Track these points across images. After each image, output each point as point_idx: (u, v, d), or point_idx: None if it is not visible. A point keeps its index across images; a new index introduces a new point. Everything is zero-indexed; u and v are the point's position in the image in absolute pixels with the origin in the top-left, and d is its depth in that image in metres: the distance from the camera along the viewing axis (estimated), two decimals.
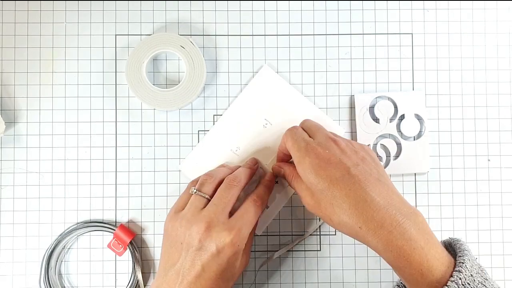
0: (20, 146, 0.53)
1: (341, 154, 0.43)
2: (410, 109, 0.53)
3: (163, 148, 0.53)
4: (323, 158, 0.42)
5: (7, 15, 0.54)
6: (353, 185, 0.41)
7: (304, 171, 0.43)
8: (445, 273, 0.38)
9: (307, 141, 0.44)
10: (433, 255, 0.38)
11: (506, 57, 0.55)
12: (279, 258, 0.53)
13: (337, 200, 0.41)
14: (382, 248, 0.39)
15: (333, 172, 0.41)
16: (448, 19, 0.55)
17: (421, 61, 0.54)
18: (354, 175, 0.41)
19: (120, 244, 0.51)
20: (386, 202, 0.40)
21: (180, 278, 0.41)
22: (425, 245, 0.38)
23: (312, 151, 0.43)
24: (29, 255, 0.52)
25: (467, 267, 0.37)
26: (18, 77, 0.53)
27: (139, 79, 0.51)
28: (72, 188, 0.53)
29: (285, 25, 0.54)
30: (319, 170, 0.42)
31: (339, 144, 0.44)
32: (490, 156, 0.54)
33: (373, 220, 0.39)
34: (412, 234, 0.38)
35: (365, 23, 0.55)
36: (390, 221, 0.39)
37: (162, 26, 0.54)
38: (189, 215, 0.43)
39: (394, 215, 0.39)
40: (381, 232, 0.39)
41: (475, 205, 0.54)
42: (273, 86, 0.53)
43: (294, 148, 0.45)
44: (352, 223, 0.40)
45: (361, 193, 0.40)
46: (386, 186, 0.42)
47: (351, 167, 0.42)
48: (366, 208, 0.39)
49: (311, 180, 0.42)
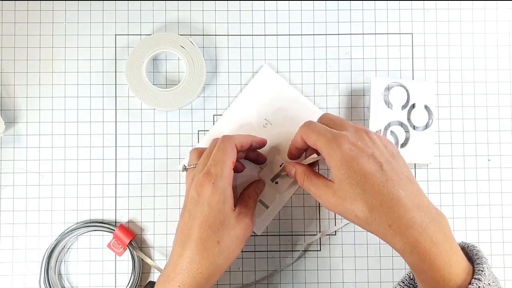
0: (20, 146, 0.53)
1: (374, 147, 0.41)
2: (420, 99, 0.53)
3: (163, 148, 0.53)
4: (356, 150, 0.40)
5: (7, 15, 0.54)
6: (386, 182, 0.39)
7: (336, 163, 0.40)
8: (464, 280, 0.37)
9: (335, 133, 0.42)
10: (456, 260, 0.38)
11: (506, 57, 0.55)
12: (279, 258, 0.53)
13: (368, 195, 0.39)
14: (408, 250, 0.38)
15: (366, 165, 0.40)
16: (448, 19, 0.55)
17: (421, 61, 0.54)
18: (386, 171, 0.40)
19: (119, 244, 0.51)
20: (416, 203, 0.39)
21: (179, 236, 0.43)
22: (450, 250, 0.38)
23: (344, 142, 0.41)
24: (29, 255, 0.52)
25: (486, 275, 0.37)
26: (18, 77, 0.53)
27: (139, 79, 0.51)
28: (72, 188, 0.53)
29: (285, 25, 0.54)
30: (352, 162, 0.40)
31: (370, 136, 0.42)
32: (490, 156, 0.54)
33: (403, 220, 0.38)
34: (439, 238, 0.38)
35: (365, 23, 0.55)
36: (419, 223, 0.38)
37: (162, 26, 0.54)
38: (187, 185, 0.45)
39: (423, 217, 0.38)
40: (410, 233, 0.38)
41: (475, 205, 0.54)
42: (273, 86, 0.53)
43: (321, 141, 0.42)
44: (382, 221, 0.39)
45: (393, 191, 0.39)
46: (415, 186, 0.41)
47: (384, 162, 0.40)
48: (398, 206, 0.38)
49: (343, 172, 0.40)
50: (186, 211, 0.43)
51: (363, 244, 0.53)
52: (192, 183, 0.44)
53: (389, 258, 0.53)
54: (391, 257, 0.53)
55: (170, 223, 0.53)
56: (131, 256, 0.51)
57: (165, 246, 0.53)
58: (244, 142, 0.46)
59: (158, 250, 0.53)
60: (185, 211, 0.44)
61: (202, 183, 0.42)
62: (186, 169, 0.47)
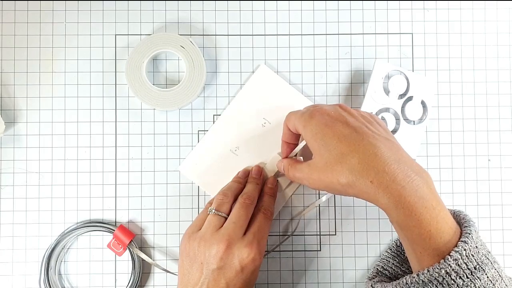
0: (19, 146, 0.53)
1: (348, 116, 0.42)
2: (419, 93, 0.53)
3: (163, 148, 0.53)
4: (330, 118, 0.41)
5: (7, 15, 0.54)
6: (361, 141, 0.39)
7: (312, 134, 0.41)
8: (451, 238, 0.37)
9: (309, 108, 0.44)
10: (443, 217, 0.37)
11: (506, 57, 0.55)
12: (279, 258, 0.53)
13: (346, 157, 0.39)
14: (393, 205, 0.37)
15: (340, 129, 0.40)
16: (448, 18, 0.55)
17: (421, 60, 0.54)
18: (361, 133, 0.40)
19: (119, 244, 0.51)
20: (397, 158, 0.38)
21: None
22: (436, 205, 0.37)
23: (317, 113, 0.42)
24: (29, 255, 0.52)
25: (473, 238, 0.37)
26: (18, 77, 0.53)
27: (139, 79, 0.51)
28: (72, 188, 0.53)
29: (285, 25, 0.54)
30: (326, 129, 0.41)
31: (344, 108, 0.43)
32: (490, 156, 0.54)
33: (384, 174, 0.37)
34: (424, 192, 0.37)
35: (365, 23, 0.55)
36: (402, 176, 0.37)
37: (162, 26, 0.54)
38: (207, 235, 0.43)
39: (406, 170, 0.37)
40: (393, 187, 0.37)
41: (475, 205, 0.54)
42: (271, 85, 0.53)
43: (297, 119, 0.43)
44: (363, 178, 0.38)
45: (370, 147, 0.38)
46: (395, 144, 0.40)
47: (358, 127, 0.40)
48: (377, 161, 0.38)
49: (319, 140, 0.41)
50: (221, 277, 0.42)
51: (363, 244, 0.53)
52: (232, 251, 0.43)
53: None
54: None
55: (170, 223, 0.53)
56: (131, 256, 0.51)
57: (165, 246, 0.53)
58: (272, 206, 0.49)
59: (158, 250, 0.53)
60: (219, 277, 0.42)
61: (249, 259, 0.43)
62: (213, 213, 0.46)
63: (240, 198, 0.47)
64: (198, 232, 0.44)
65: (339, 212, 0.53)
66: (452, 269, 0.35)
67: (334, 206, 0.53)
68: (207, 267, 0.42)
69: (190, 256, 0.43)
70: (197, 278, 0.42)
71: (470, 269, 0.36)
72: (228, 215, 0.45)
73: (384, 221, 0.53)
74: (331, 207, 0.53)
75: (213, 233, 0.43)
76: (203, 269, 0.42)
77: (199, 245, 0.43)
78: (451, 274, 0.35)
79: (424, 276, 0.36)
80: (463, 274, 0.36)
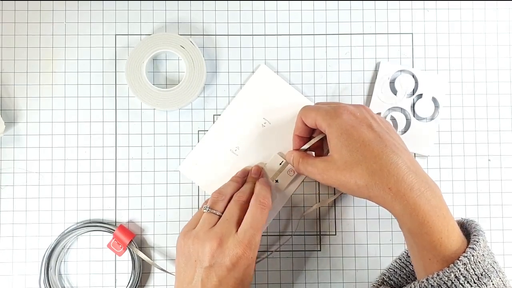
0: (19, 146, 0.53)
1: (372, 120, 0.44)
2: (429, 91, 0.53)
3: (163, 148, 0.53)
4: (356, 119, 0.43)
5: (7, 15, 0.54)
6: (384, 148, 0.41)
7: (337, 132, 0.43)
8: (460, 246, 0.38)
9: (334, 105, 0.45)
10: (452, 226, 0.39)
11: (506, 57, 0.55)
12: (279, 258, 0.53)
13: (368, 160, 0.41)
14: (408, 212, 0.39)
15: (365, 133, 0.42)
16: (448, 19, 0.55)
17: (421, 61, 0.54)
18: (384, 140, 0.42)
19: (119, 244, 0.51)
20: (414, 170, 0.40)
21: None
22: (447, 215, 0.39)
23: (344, 112, 0.43)
24: (29, 255, 0.52)
25: (481, 246, 0.38)
26: (18, 77, 0.53)
27: (139, 79, 0.51)
28: (72, 188, 0.53)
29: (285, 25, 0.54)
30: (352, 129, 0.42)
31: (367, 110, 0.45)
32: (490, 156, 0.54)
33: (403, 182, 0.39)
34: (437, 202, 0.39)
35: (365, 23, 0.55)
36: (418, 186, 0.39)
37: (162, 26, 0.54)
38: (201, 233, 0.43)
39: (421, 181, 0.40)
40: (410, 195, 0.39)
41: (475, 205, 0.54)
42: (271, 85, 0.53)
43: (320, 114, 0.44)
44: (382, 184, 0.40)
45: (393, 156, 0.40)
46: (411, 156, 0.42)
47: (381, 132, 0.42)
48: (398, 170, 0.40)
49: (343, 140, 0.42)
50: (213, 274, 0.42)
51: (363, 244, 0.53)
52: (223, 249, 0.42)
53: (389, 258, 0.53)
54: (391, 257, 0.53)
55: (170, 223, 0.53)
56: (131, 256, 0.51)
57: (165, 246, 0.53)
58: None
59: (158, 250, 0.53)
60: (210, 274, 0.42)
61: (240, 256, 0.42)
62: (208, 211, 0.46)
63: (235, 196, 0.47)
64: (193, 231, 0.44)
65: (339, 212, 0.53)
66: (461, 274, 0.36)
67: (334, 206, 0.53)
68: (200, 264, 0.42)
69: (185, 254, 0.43)
70: (191, 275, 0.43)
71: (477, 275, 0.37)
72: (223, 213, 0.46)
73: (384, 221, 0.53)
74: (331, 207, 0.53)
75: (206, 231, 0.43)
76: (196, 267, 0.42)
77: (193, 243, 0.43)
78: (459, 278, 0.36)
79: (433, 280, 0.37)
80: (471, 279, 0.36)
